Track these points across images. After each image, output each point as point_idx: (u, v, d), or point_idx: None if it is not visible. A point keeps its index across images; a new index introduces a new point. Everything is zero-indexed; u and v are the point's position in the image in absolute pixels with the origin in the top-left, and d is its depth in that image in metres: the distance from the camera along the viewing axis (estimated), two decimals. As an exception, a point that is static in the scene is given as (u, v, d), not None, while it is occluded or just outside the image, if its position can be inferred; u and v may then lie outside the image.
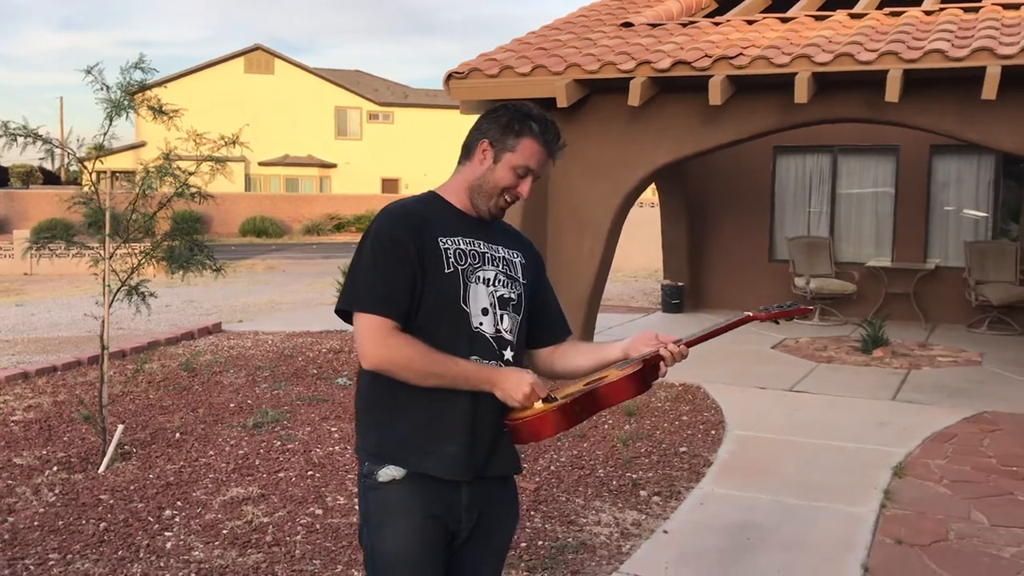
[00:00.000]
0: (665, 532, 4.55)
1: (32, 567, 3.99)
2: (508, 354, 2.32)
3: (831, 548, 4.33)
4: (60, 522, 4.50)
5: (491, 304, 2.32)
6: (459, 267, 2.29)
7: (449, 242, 2.30)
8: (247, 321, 11.10)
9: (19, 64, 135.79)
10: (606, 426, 6.40)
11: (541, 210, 8.13)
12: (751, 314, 2.47)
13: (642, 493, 5.08)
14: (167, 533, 4.38)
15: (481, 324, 2.29)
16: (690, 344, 2.38)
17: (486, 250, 2.36)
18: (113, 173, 5.68)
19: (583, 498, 4.99)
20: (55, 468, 5.33)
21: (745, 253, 11.98)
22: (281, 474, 5.24)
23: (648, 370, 2.33)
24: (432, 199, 2.40)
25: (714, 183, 11.90)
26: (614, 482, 5.25)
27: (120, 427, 5.58)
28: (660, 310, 11.99)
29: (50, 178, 50.07)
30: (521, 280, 2.42)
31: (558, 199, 8.16)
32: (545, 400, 2.21)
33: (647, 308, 12.39)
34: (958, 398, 7.22)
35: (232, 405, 6.82)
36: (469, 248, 2.33)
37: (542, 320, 2.50)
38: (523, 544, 4.34)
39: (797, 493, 5.08)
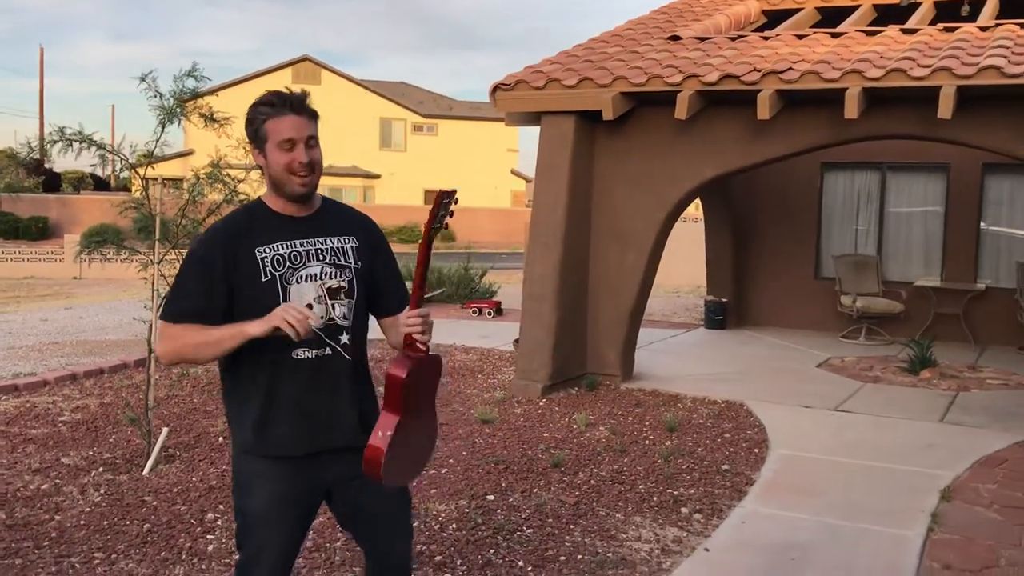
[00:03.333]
0: (707, 550, 4.49)
1: (78, 565, 4.04)
2: (344, 338, 2.61)
3: (878, 571, 4.25)
4: (105, 522, 4.56)
5: (318, 297, 2.58)
6: (276, 272, 2.55)
7: (267, 250, 2.56)
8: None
9: (75, 73, 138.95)
10: (647, 441, 6.35)
11: (584, 223, 8.10)
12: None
13: (683, 510, 5.02)
14: (209, 536, 4.42)
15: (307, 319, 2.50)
16: (414, 305, 2.53)
17: (309, 247, 2.60)
18: (162, 180, 5.75)
19: (623, 513, 4.94)
20: (101, 469, 5.40)
21: (790, 270, 11.84)
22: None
23: (409, 352, 2.52)
24: (258, 207, 2.65)
25: (760, 198, 11.80)
26: (655, 498, 5.20)
27: (165, 430, 5.65)
28: (703, 326, 11.89)
29: (100, 184, 51.01)
30: (353, 265, 2.65)
31: (601, 211, 8.12)
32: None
33: (689, 324, 12.30)
34: (1009, 421, 7.05)
35: (274, 411, 6.86)
36: (289, 251, 2.58)
37: (377, 290, 2.73)
38: (562, 558, 4.31)
39: (842, 514, 4.99)
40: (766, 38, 8.51)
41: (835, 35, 8.35)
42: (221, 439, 6.05)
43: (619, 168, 8.08)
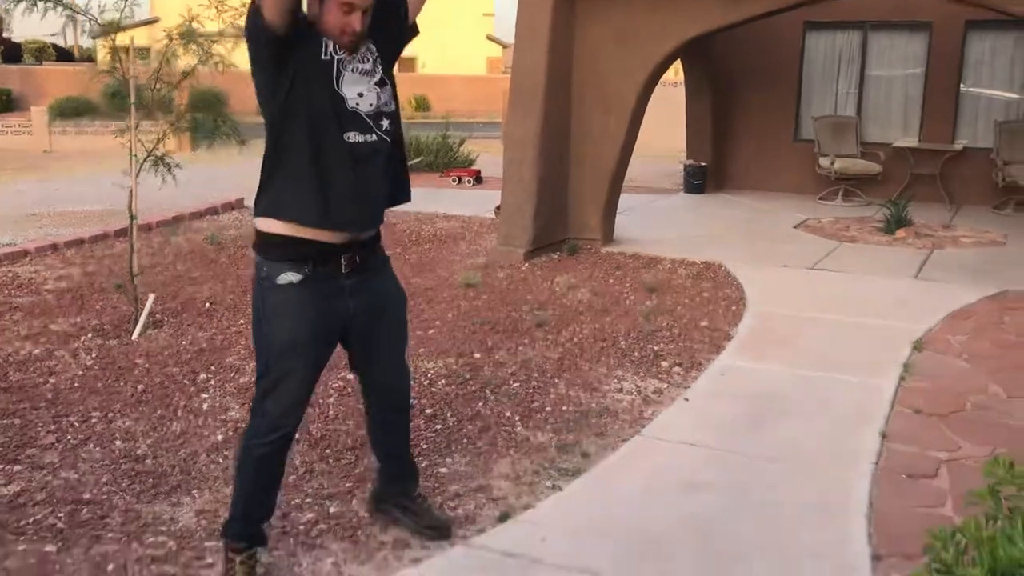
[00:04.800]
0: (686, 400, 4.65)
1: (76, 424, 4.15)
2: (385, 124, 2.79)
3: (850, 417, 4.43)
4: (99, 384, 4.65)
5: (369, 87, 2.75)
6: (336, 56, 2.68)
7: (328, 39, 2.68)
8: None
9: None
10: (628, 302, 6.47)
11: (565, 86, 7.99)
12: None
13: (663, 364, 5.17)
14: (203, 395, 4.52)
15: (358, 104, 2.73)
16: None
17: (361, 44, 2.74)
18: (124, 48, 5.60)
19: (606, 367, 5.09)
20: (90, 335, 5.46)
21: (770, 133, 11.81)
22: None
23: None
24: None
25: (741, 60, 11.63)
26: (636, 353, 5.34)
27: (151, 296, 5.68)
28: (682, 191, 11.92)
29: (63, 55, 49.38)
30: (380, 57, 2.81)
31: (582, 74, 8.00)
32: None
33: (669, 189, 12.30)
34: (980, 277, 7.22)
35: (259, 277, 6.90)
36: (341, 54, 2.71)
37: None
38: (548, 408, 4.46)
39: (817, 366, 5.16)
40: None
41: None
42: (208, 305, 6.11)
43: (600, 29, 7.92)
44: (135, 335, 5.40)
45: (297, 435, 3.89)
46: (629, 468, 3.87)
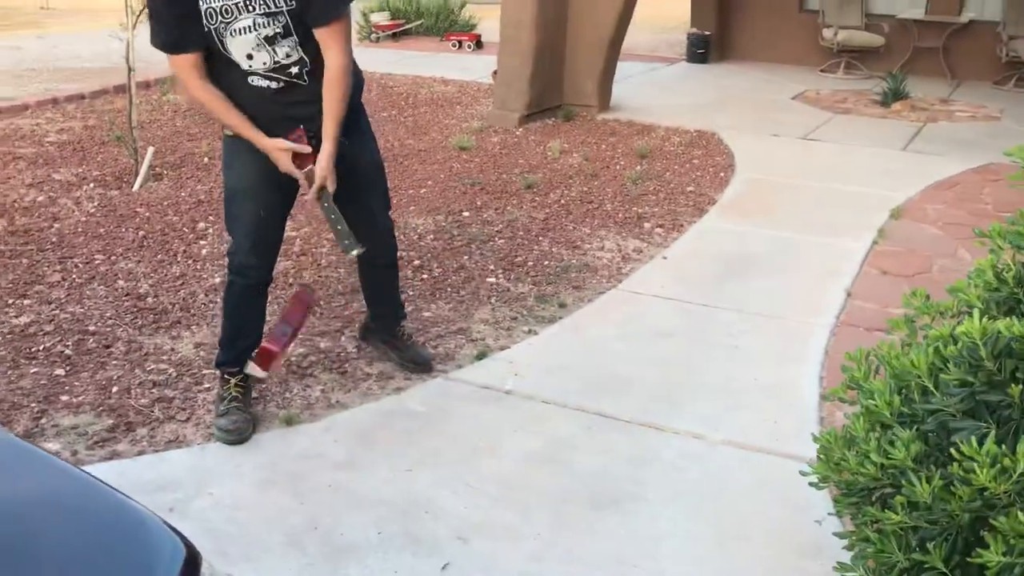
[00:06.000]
0: (664, 258, 4.85)
1: (80, 265, 4.37)
2: (295, 69, 2.83)
3: (819, 275, 4.64)
4: (101, 229, 4.85)
5: (256, 46, 2.76)
6: (211, 26, 2.72)
7: (203, 3, 2.70)
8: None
9: None
10: (618, 167, 6.59)
11: (565, -54, 7.89)
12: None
13: (646, 225, 5.35)
14: (201, 242, 4.73)
15: (251, 65, 2.79)
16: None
17: (238, 0, 2.70)
18: None
19: (589, 228, 5.27)
20: (92, 184, 5.63)
21: (775, 2, 11.61)
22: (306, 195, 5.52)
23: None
24: None
25: (750, -75, 11.35)
26: (620, 215, 5.51)
27: (151, 149, 5.82)
28: (684, 60, 11.82)
29: (58, -91, 47.76)
30: (286, 7, 2.74)
31: (583, -65, 7.89)
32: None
33: (672, 58, 12.19)
34: (968, 150, 7.30)
35: (256, 135, 7.02)
36: (220, 5, 2.70)
37: (306, 6, 2.78)
38: (530, 263, 4.66)
39: (795, 229, 5.33)
40: None
41: None
42: (206, 159, 6.25)
43: None
44: (136, 186, 5.56)
45: (291, 280, 4.13)
46: (602, 317, 4.10)
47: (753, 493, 2.82)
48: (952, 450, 1.59)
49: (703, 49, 11.56)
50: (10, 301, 3.95)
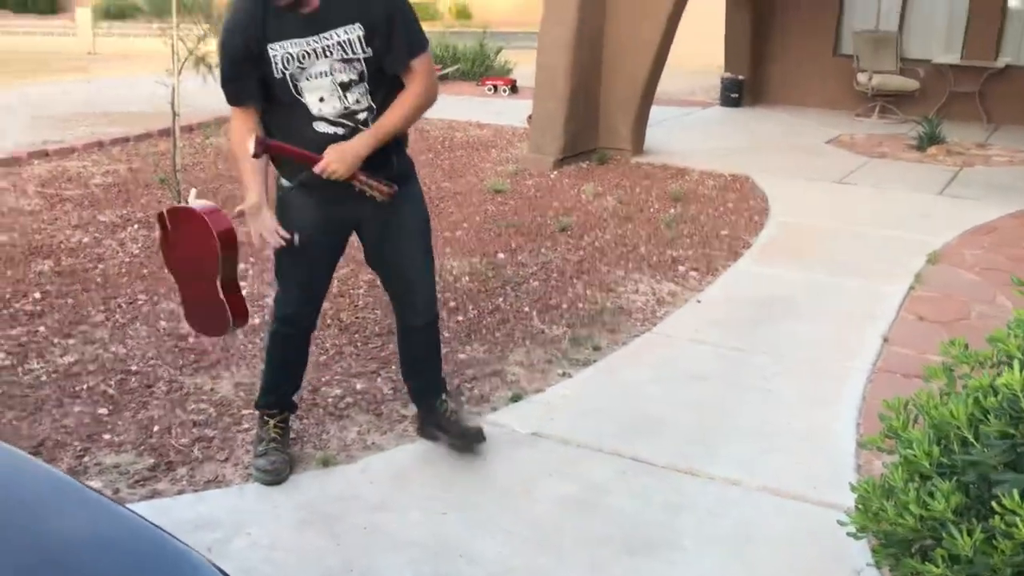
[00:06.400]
0: (698, 301, 4.85)
1: (124, 305, 4.46)
2: (362, 115, 2.81)
3: (855, 319, 4.61)
4: (144, 270, 4.95)
5: (331, 91, 2.76)
6: (287, 72, 2.72)
7: (278, 47, 2.70)
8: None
9: None
10: (652, 210, 6.62)
11: (600, -7, 8.01)
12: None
13: (680, 268, 5.36)
14: (242, 283, 4.78)
15: (321, 110, 2.77)
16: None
17: (316, 45, 2.71)
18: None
19: (624, 271, 5.29)
20: (135, 226, 5.75)
21: (809, 47, 11.68)
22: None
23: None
24: None
25: (783, -29, 11.45)
26: (654, 258, 5.53)
27: (193, 191, 5.91)
28: (718, 104, 11.89)
29: (106, -43, 49.16)
30: (362, 55, 2.75)
31: (618, -19, 8.00)
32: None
33: (705, 102, 12.28)
34: (1006, 195, 7.26)
35: (295, 177, 7.15)
36: (298, 50, 2.71)
37: (382, 49, 2.78)
38: (564, 306, 4.69)
39: (830, 273, 5.32)
40: None
41: None
42: (246, 202, 6.36)
43: (637, -65, 7.88)
44: (178, 228, 5.66)
45: (328, 321, 4.19)
46: (637, 360, 4.11)
47: (790, 541, 2.80)
48: (993, 503, 1.58)
49: (737, 93, 11.63)
50: (56, 340, 4.04)
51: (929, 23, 11.31)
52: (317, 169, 2.75)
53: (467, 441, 3.22)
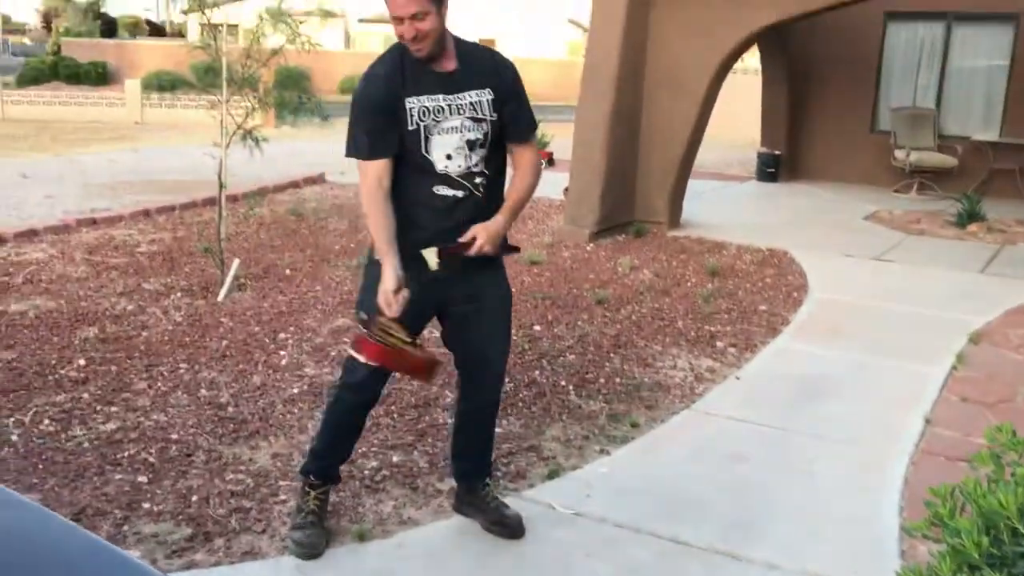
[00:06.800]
0: (737, 378, 4.82)
1: (166, 373, 4.51)
2: (479, 179, 2.93)
3: (896, 400, 4.55)
4: (187, 339, 5.02)
5: (457, 148, 2.89)
6: (421, 123, 2.85)
7: (415, 101, 2.85)
8: (349, 173, 11.50)
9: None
10: (689, 284, 6.62)
11: (638, 71, 8.14)
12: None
13: (718, 344, 5.34)
14: (282, 352, 4.85)
15: (447, 167, 2.88)
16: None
17: (451, 102, 2.88)
18: (218, 26, 5.93)
19: (661, 345, 5.28)
20: (179, 294, 5.86)
21: (846, 123, 11.75)
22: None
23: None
24: (407, 54, 2.86)
25: (820, 49, 11.59)
26: (692, 333, 5.51)
27: (236, 261, 6.05)
28: (755, 179, 11.95)
29: (155, 30, 50.97)
30: (489, 117, 2.92)
31: (655, 59, 8.14)
32: (396, 323, 2.82)
33: (742, 176, 12.35)
34: (1049, 274, 7.18)
35: (337, 247, 7.27)
36: (433, 105, 2.86)
37: (505, 121, 2.96)
38: (601, 380, 4.68)
39: (870, 352, 5.26)
40: None
41: None
42: (288, 271, 6.47)
43: (675, 15, 8.05)
44: (221, 296, 5.77)
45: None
46: (676, 438, 4.07)
47: (833, 629, 2.73)
48: (1046, 598, 1.54)
49: (773, 168, 11.69)
50: (98, 408, 4.09)
51: (967, 101, 11.35)
52: (473, 251, 2.86)
53: (506, 529, 3.20)
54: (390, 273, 2.82)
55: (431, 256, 2.85)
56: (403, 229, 2.90)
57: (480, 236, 2.86)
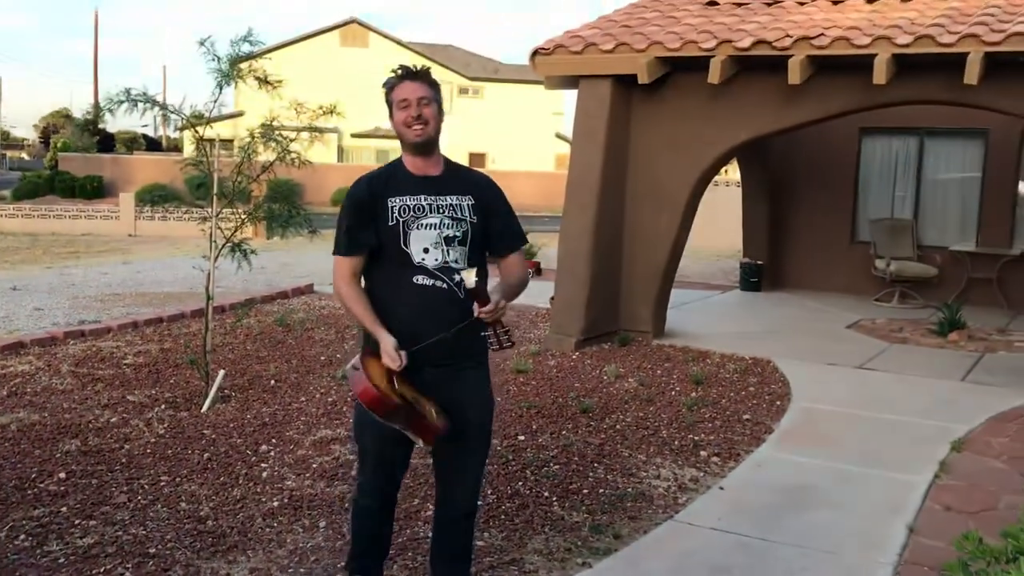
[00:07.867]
0: (721, 488, 4.81)
1: (147, 486, 4.49)
2: (458, 277, 3.06)
3: (880, 510, 4.54)
4: (169, 451, 5.00)
5: (435, 243, 3.08)
6: (401, 219, 3.07)
7: (397, 200, 3.09)
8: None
9: (124, 35, 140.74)
10: (673, 393, 6.65)
11: (620, 184, 8.36)
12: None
13: (702, 453, 5.34)
14: (263, 464, 4.84)
15: (423, 260, 3.07)
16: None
17: (431, 202, 3.11)
18: (212, 141, 6.12)
19: (645, 455, 5.28)
20: (163, 406, 5.86)
21: (826, 233, 11.98)
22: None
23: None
24: (398, 166, 3.18)
25: (798, 163, 11.93)
26: (676, 442, 5.52)
27: (221, 372, 6.08)
28: (738, 288, 12.11)
29: (152, 145, 52.02)
30: (469, 219, 3.15)
31: (636, 173, 8.37)
32: (399, 379, 2.96)
33: (724, 286, 12.51)
34: (1030, 381, 7.24)
35: (323, 358, 7.30)
36: (414, 203, 3.09)
37: (492, 234, 3.22)
38: (585, 491, 4.66)
39: (854, 461, 5.27)
40: (802, 3, 8.63)
41: (871, 0, 8.46)
42: (273, 382, 6.49)
43: (654, 131, 8.32)
44: (204, 408, 5.77)
45: (345, 504, 4.18)
46: (659, 550, 4.04)
47: None
48: None
49: (756, 277, 11.86)
50: (76, 522, 4.05)
51: (943, 211, 11.63)
52: (487, 308, 2.98)
53: None
54: (386, 337, 2.98)
55: (469, 276, 2.99)
56: (385, 318, 3.05)
57: (494, 298, 3.01)
